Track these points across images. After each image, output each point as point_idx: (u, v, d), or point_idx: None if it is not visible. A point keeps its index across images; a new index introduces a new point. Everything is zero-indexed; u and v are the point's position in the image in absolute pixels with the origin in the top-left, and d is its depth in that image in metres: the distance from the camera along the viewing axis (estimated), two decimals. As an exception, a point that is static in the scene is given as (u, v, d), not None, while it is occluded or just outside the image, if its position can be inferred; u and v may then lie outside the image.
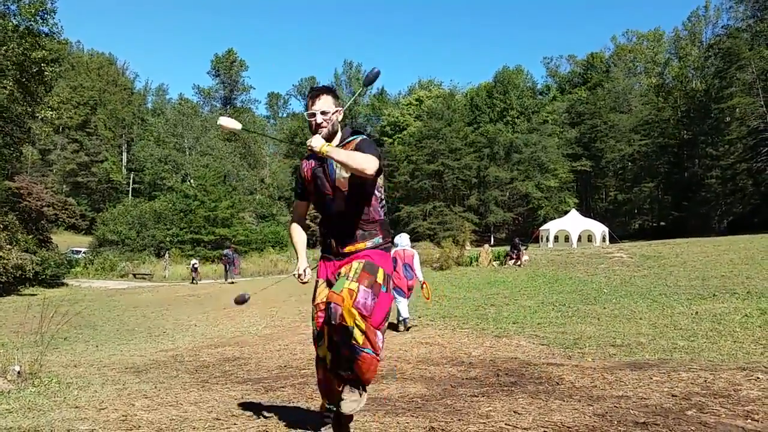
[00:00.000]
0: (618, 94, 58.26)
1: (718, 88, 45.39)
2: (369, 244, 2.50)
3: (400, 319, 7.84)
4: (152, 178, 56.80)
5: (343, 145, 2.52)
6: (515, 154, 55.86)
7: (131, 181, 63.55)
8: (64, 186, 58.64)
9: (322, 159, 2.49)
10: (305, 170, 2.60)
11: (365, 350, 2.35)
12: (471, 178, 58.03)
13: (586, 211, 48.99)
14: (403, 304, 7.84)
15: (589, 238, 32.65)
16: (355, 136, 2.57)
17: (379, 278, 2.43)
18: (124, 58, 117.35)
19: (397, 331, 7.67)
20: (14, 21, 19.61)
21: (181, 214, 42.06)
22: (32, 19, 19.80)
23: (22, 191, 25.51)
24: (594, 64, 66.73)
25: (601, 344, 5.62)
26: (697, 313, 7.43)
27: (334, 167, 2.47)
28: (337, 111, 2.54)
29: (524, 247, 18.93)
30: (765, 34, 44.54)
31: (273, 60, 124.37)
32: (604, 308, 8.58)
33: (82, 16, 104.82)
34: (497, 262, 20.35)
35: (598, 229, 33.18)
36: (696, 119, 48.58)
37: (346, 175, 2.46)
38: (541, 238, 34.24)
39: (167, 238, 40.03)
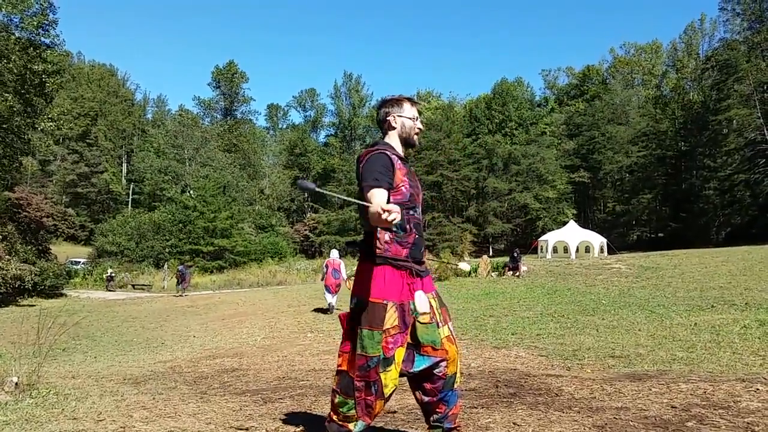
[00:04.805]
0: (616, 105, 58.54)
1: (715, 99, 45.68)
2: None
3: (329, 306, 11.65)
4: (152, 189, 56.84)
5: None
6: (514, 165, 56.04)
7: (131, 191, 63.59)
8: (64, 197, 58.69)
9: (407, 163, 2.45)
10: (397, 165, 2.37)
11: (457, 392, 2.49)
12: (470, 190, 58.16)
13: (585, 222, 49.04)
14: (329, 297, 11.66)
15: (588, 249, 32.61)
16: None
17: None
18: (125, 69, 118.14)
19: (326, 314, 11.39)
20: (16, 34, 19.77)
21: (181, 225, 42.04)
22: (34, 32, 19.96)
23: (21, 202, 25.57)
24: (590, 76, 67.18)
25: (600, 355, 5.61)
26: (695, 324, 7.42)
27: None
28: None
29: (515, 259, 19.14)
30: (762, 46, 44.92)
31: (273, 71, 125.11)
32: (603, 319, 8.56)
33: (84, 27, 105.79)
34: (496, 272, 20.34)
35: (597, 240, 33.14)
36: (693, 131, 48.82)
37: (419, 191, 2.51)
38: (540, 249, 34.23)
39: (166, 249, 40.00)
